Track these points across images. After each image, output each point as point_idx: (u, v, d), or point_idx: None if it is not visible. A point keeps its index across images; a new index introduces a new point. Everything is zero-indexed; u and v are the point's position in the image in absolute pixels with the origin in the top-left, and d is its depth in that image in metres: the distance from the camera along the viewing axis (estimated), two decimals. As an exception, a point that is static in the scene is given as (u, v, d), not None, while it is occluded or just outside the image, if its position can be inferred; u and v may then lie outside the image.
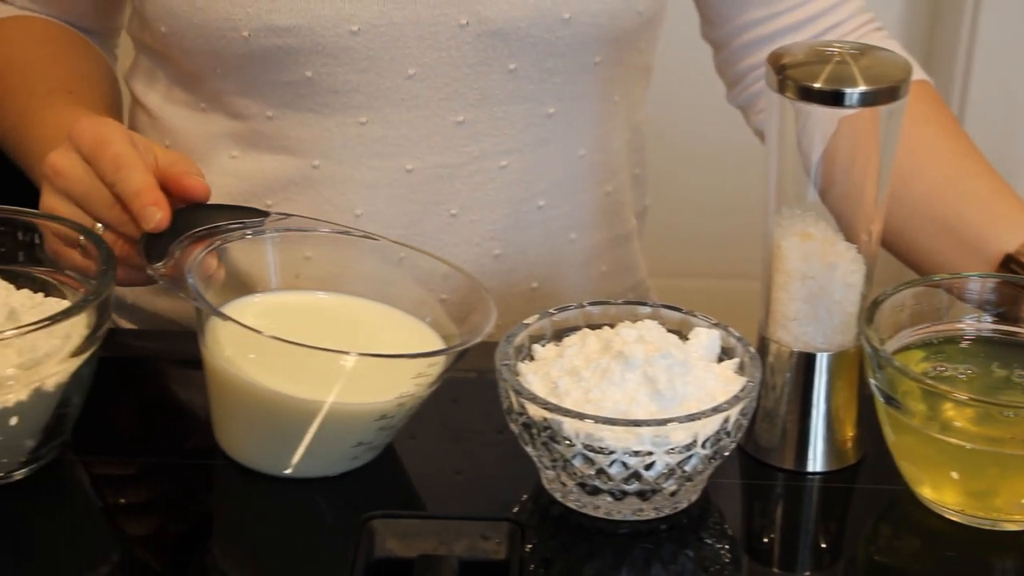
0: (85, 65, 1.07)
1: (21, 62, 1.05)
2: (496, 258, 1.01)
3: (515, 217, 1.01)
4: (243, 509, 0.82)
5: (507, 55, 0.96)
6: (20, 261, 0.85)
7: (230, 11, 0.94)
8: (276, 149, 0.99)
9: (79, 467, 0.83)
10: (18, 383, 0.76)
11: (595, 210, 1.05)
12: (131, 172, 0.84)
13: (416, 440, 0.85)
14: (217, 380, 0.81)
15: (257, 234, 0.87)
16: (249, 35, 0.94)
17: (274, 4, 0.93)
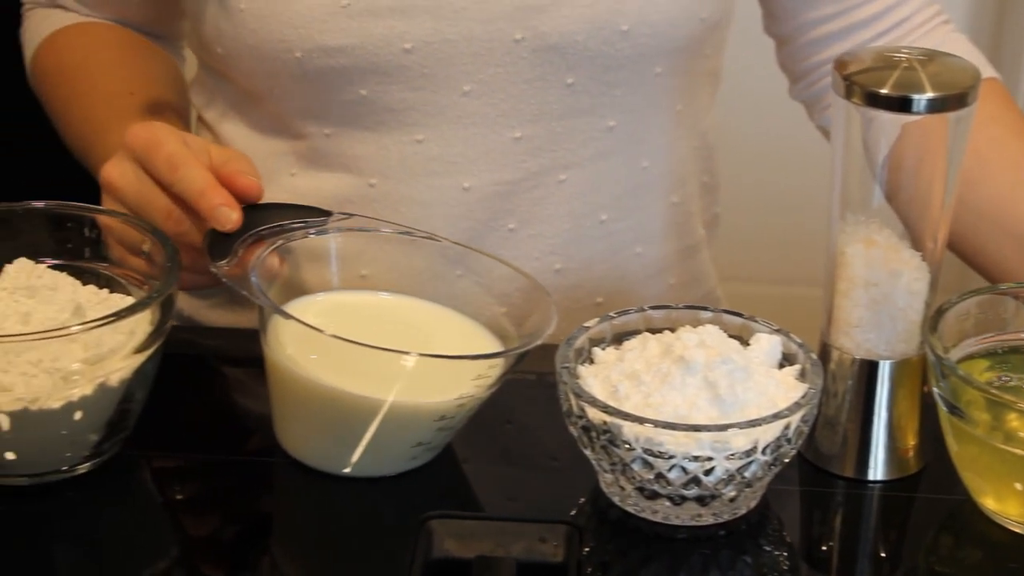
0: (149, 67, 1.07)
1: (86, 66, 1.06)
2: (557, 272, 1.00)
3: (576, 231, 1.00)
4: (302, 507, 0.82)
5: (564, 69, 0.95)
6: (86, 257, 0.86)
7: (283, 32, 0.94)
8: (334, 167, 0.99)
9: (141, 462, 0.83)
10: (83, 378, 0.77)
11: (661, 222, 1.04)
12: (188, 170, 0.84)
13: (475, 441, 0.85)
14: (278, 378, 0.81)
15: (320, 233, 0.87)
16: (302, 56, 0.94)
17: (326, 25, 0.93)
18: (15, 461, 0.78)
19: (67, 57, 1.07)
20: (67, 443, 0.79)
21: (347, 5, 0.93)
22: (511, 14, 0.93)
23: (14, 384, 0.75)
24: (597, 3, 0.93)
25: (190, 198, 0.84)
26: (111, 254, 0.86)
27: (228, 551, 0.79)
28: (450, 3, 0.93)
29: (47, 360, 0.76)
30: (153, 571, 0.76)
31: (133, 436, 0.83)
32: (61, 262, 0.85)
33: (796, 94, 1.10)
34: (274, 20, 0.94)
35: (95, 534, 0.78)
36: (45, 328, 0.77)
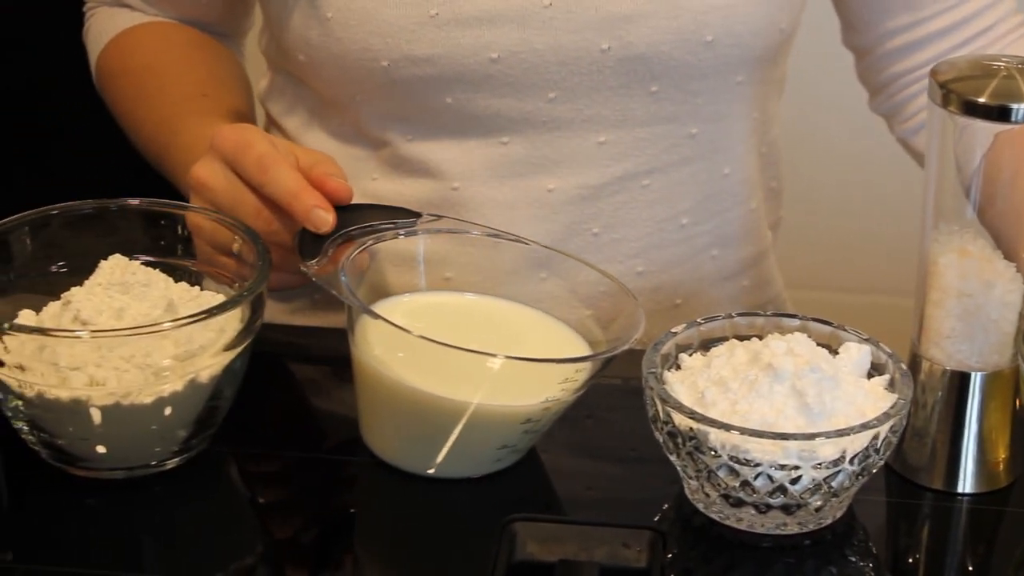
0: (218, 67, 1.08)
1: (155, 68, 1.06)
2: (639, 275, 1.01)
3: (658, 236, 1.01)
4: (386, 507, 0.82)
5: (649, 78, 0.95)
6: (178, 255, 0.87)
7: (369, 42, 0.95)
8: (416, 172, 0.99)
9: (228, 459, 0.84)
10: (173, 374, 0.78)
11: (737, 226, 1.04)
12: (279, 172, 0.85)
13: (559, 444, 0.85)
14: (365, 378, 0.82)
15: (409, 234, 0.88)
16: (389, 65, 0.95)
17: (413, 34, 0.94)
18: (106, 455, 0.79)
19: (134, 58, 1.08)
20: (157, 438, 0.80)
21: (435, 15, 0.93)
22: (598, 24, 0.93)
23: (107, 378, 0.76)
24: (682, 14, 0.93)
25: (282, 199, 0.84)
26: (199, 254, 0.87)
27: (312, 549, 0.79)
28: (537, 13, 0.93)
29: (139, 356, 0.77)
30: (238, 567, 0.77)
31: (220, 433, 0.84)
32: (154, 259, 0.86)
33: (876, 107, 1.10)
34: (361, 29, 0.94)
35: (182, 529, 0.79)
36: (138, 324, 0.78)
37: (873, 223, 1.90)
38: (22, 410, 0.78)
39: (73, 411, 0.77)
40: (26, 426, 0.79)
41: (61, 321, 0.79)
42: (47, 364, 0.76)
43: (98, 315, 0.79)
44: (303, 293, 1.07)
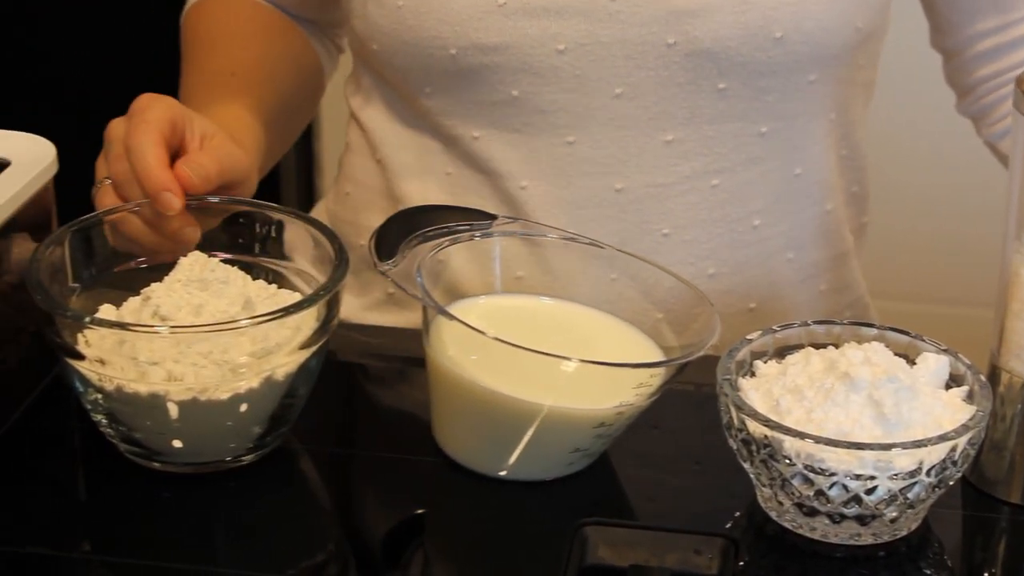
0: (271, 51, 1.08)
1: (211, 39, 1.07)
2: (711, 277, 1.00)
3: (729, 237, 1.00)
4: (457, 508, 0.83)
5: (716, 74, 0.95)
6: (256, 253, 0.88)
7: (438, 29, 0.95)
8: (485, 170, 1.00)
9: (302, 456, 0.85)
10: (250, 371, 0.78)
11: (813, 229, 1.03)
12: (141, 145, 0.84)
13: (631, 449, 0.85)
14: (439, 378, 0.82)
15: (485, 236, 0.88)
16: (456, 53, 0.95)
17: (481, 23, 0.94)
18: (182, 449, 0.80)
19: (203, 26, 1.09)
20: (232, 434, 0.80)
21: (503, 4, 0.93)
22: (664, 18, 0.93)
23: (184, 374, 0.77)
24: (751, 9, 0.93)
25: (137, 173, 0.84)
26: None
27: (382, 548, 0.80)
28: (604, 6, 0.93)
29: (216, 352, 0.77)
30: (310, 563, 0.77)
31: (295, 430, 0.84)
32: (231, 256, 0.86)
33: (963, 109, 1.08)
34: (431, 17, 0.95)
35: (255, 524, 0.80)
36: (216, 321, 0.79)
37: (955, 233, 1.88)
38: (101, 403, 0.79)
39: (151, 405, 0.78)
40: (105, 419, 0.80)
41: (141, 316, 0.80)
42: (126, 358, 0.77)
43: (177, 311, 0.80)
44: (377, 288, 1.07)
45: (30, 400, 0.85)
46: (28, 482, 0.82)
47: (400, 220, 0.85)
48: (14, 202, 0.81)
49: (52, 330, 0.78)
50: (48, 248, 0.81)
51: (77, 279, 0.84)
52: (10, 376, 0.82)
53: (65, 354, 0.78)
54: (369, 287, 1.06)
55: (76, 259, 0.84)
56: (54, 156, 0.85)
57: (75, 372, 0.79)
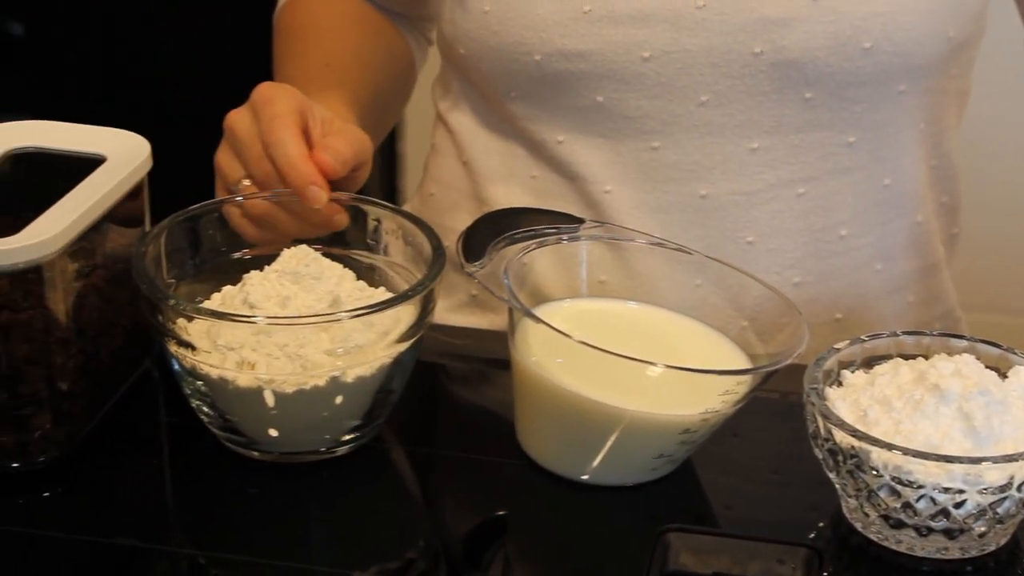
0: (363, 44, 1.09)
1: (306, 31, 1.08)
2: (796, 286, 0.99)
3: (815, 246, 0.99)
4: (539, 511, 0.83)
5: (803, 84, 0.94)
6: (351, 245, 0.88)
7: (523, 35, 0.95)
8: (568, 174, 1.00)
9: (392, 451, 0.85)
10: (346, 364, 0.79)
11: (902, 240, 1.02)
12: (284, 137, 0.84)
13: (713, 456, 0.85)
14: (524, 381, 0.82)
15: (572, 240, 0.88)
16: (541, 59, 0.95)
17: (566, 29, 0.94)
18: (278, 439, 0.81)
19: (297, 18, 1.10)
20: (327, 425, 0.81)
21: (588, 11, 0.93)
22: (751, 27, 0.92)
23: (257, 362, 0.78)
24: (840, 19, 0.92)
25: (280, 167, 0.85)
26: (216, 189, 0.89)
27: (465, 547, 0.80)
28: (690, 14, 0.93)
29: (292, 345, 0.78)
30: (395, 559, 0.78)
31: (387, 424, 0.85)
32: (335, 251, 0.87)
33: None
34: (516, 23, 0.95)
35: (344, 517, 0.80)
36: (299, 315, 0.80)
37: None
38: (200, 390, 0.80)
39: (249, 394, 0.79)
40: (204, 406, 0.81)
41: (233, 303, 0.81)
42: (217, 345, 0.78)
43: (265, 301, 0.81)
44: (460, 290, 1.08)
45: (121, 393, 0.86)
46: (118, 473, 0.83)
47: (488, 222, 0.86)
48: (109, 197, 0.82)
49: (156, 317, 0.79)
50: (154, 237, 0.83)
51: (181, 268, 0.85)
52: (103, 369, 0.84)
53: (167, 341, 0.79)
54: (453, 288, 1.07)
55: (181, 249, 0.85)
56: (148, 152, 0.86)
57: (175, 359, 0.80)
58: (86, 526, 0.79)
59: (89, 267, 0.82)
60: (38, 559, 0.76)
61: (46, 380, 0.79)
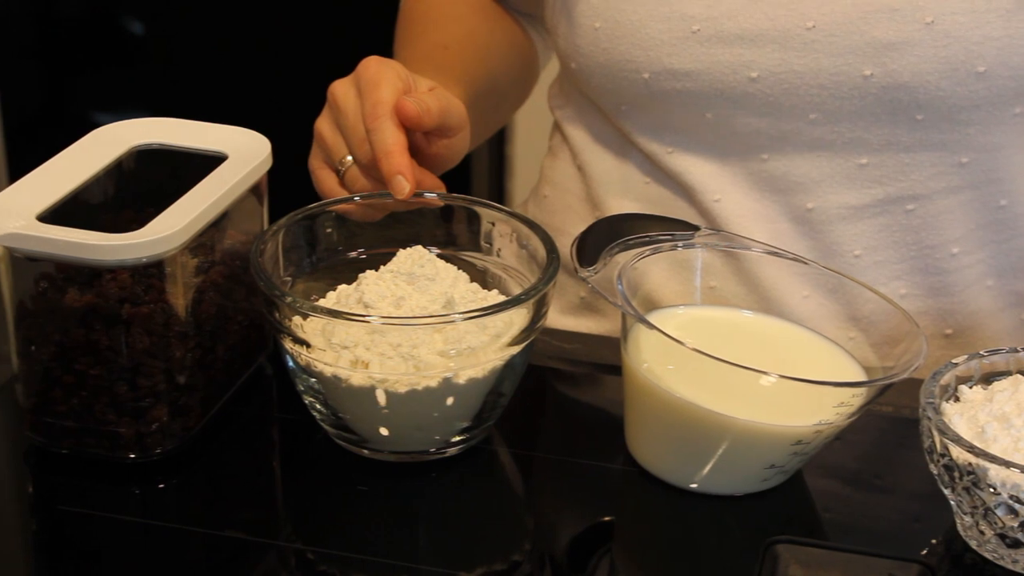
0: (481, 31, 1.09)
1: (426, 15, 1.09)
2: (901, 299, 0.98)
3: (923, 262, 0.97)
4: (646, 517, 0.83)
5: (914, 107, 0.92)
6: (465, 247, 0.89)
7: (632, 53, 0.95)
8: (678, 183, 0.99)
9: (500, 453, 0.86)
10: (458, 365, 0.79)
11: (1017, 259, 0.99)
12: (383, 125, 0.86)
13: (822, 467, 0.84)
14: (634, 386, 0.82)
15: (687, 247, 0.87)
16: (649, 77, 0.95)
17: (674, 48, 0.94)
18: (388, 438, 0.82)
19: (420, 6, 1.11)
20: (438, 426, 0.82)
21: (697, 31, 0.93)
22: (861, 49, 0.91)
23: (370, 361, 0.79)
24: (953, 44, 0.90)
25: (377, 153, 0.86)
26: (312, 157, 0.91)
27: (571, 549, 0.80)
28: (799, 35, 0.92)
29: (406, 345, 0.78)
30: (501, 559, 0.78)
31: (496, 426, 0.85)
32: (448, 252, 0.88)
33: None
34: (624, 41, 0.95)
35: (453, 517, 0.81)
36: (413, 315, 0.80)
37: None
38: (314, 387, 0.81)
39: (361, 393, 0.79)
40: (317, 403, 0.82)
41: (348, 302, 0.82)
42: (332, 343, 0.79)
43: (380, 300, 0.81)
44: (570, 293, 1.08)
45: (236, 388, 0.88)
46: (231, 467, 0.84)
47: (602, 227, 0.86)
48: (230, 195, 0.83)
49: (272, 314, 0.80)
50: (272, 234, 0.84)
51: (298, 266, 0.87)
52: (219, 364, 0.85)
53: (282, 337, 0.80)
54: (563, 291, 1.07)
55: (299, 246, 0.86)
56: (269, 151, 0.87)
57: (290, 356, 0.81)
58: (198, 518, 0.80)
59: (208, 263, 0.83)
60: (151, 548, 0.78)
61: (164, 373, 0.80)
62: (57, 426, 0.81)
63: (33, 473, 0.83)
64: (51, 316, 0.79)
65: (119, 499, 0.81)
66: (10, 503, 0.83)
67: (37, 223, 0.78)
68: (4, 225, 0.77)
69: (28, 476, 0.83)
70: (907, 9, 0.90)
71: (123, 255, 0.77)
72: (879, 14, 0.90)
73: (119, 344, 0.79)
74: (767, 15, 0.92)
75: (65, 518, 0.79)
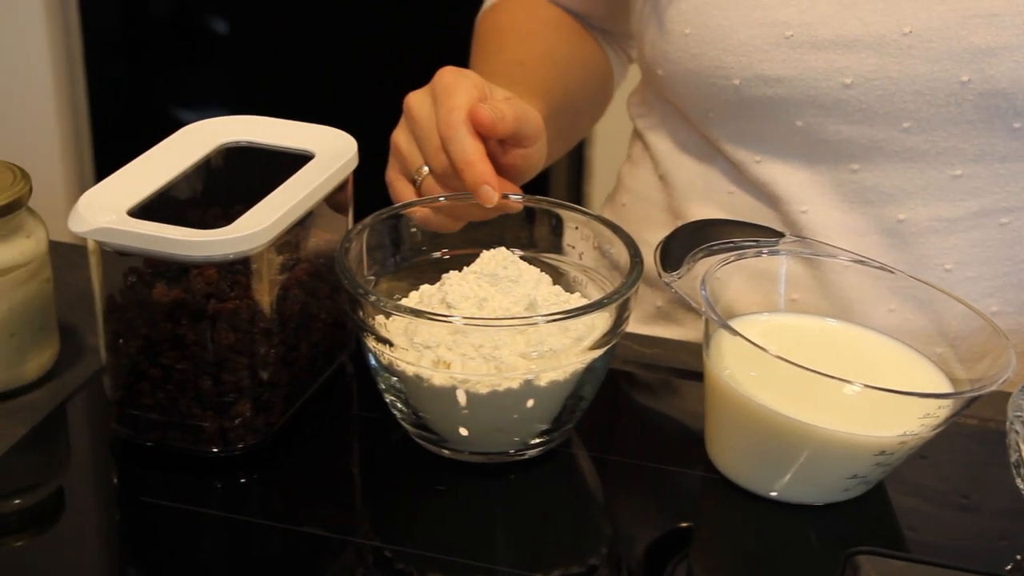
0: (559, 49, 1.09)
1: (504, 31, 1.09)
2: (993, 315, 0.96)
3: (1016, 276, 0.96)
4: (725, 524, 0.82)
5: (1011, 114, 0.91)
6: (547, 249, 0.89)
7: (723, 59, 0.94)
8: (765, 193, 0.99)
9: (578, 456, 0.86)
10: (539, 368, 0.79)
11: None
12: (460, 135, 0.85)
13: (903, 479, 0.83)
14: (716, 393, 0.81)
15: (772, 253, 0.87)
16: (740, 84, 0.94)
17: (767, 54, 0.93)
18: (468, 438, 0.82)
19: (498, 20, 1.11)
20: (517, 428, 0.82)
21: (790, 36, 0.92)
22: (959, 55, 0.90)
23: (452, 361, 0.79)
24: None
25: (457, 164, 0.85)
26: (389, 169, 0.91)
27: (649, 555, 0.80)
28: (895, 40, 0.91)
29: (488, 346, 0.79)
30: (578, 563, 0.78)
31: (575, 429, 0.85)
32: (529, 254, 0.88)
33: None
34: (715, 47, 0.94)
35: (530, 519, 0.81)
36: (495, 316, 0.81)
37: None
38: (395, 386, 0.82)
39: (442, 393, 0.80)
40: (398, 402, 0.83)
41: (431, 302, 0.83)
42: (414, 342, 0.79)
43: (463, 301, 0.82)
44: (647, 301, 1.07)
45: (318, 385, 0.88)
46: (311, 463, 0.85)
47: (686, 232, 0.85)
48: (316, 194, 0.83)
49: (356, 313, 0.80)
50: (358, 233, 0.84)
51: (382, 265, 0.87)
52: (302, 361, 0.86)
53: (365, 336, 0.81)
54: (640, 300, 1.07)
55: (383, 246, 0.87)
56: (355, 151, 0.88)
57: (373, 354, 0.81)
58: (278, 513, 0.81)
59: (293, 261, 0.84)
60: (232, 541, 0.79)
61: (248, 369, 0.81)
62: (143, 419, 0.82)
63: (118, 464, 0.84)
64: (139, 310, 0.80)
65: (201, 492, 0.81)
66: (95, 493, 0.84)
67: (127, 218, 0.79)
68: (95, 219, 0.78)
69: (113, 467, 0.85)
70: (1007, 14, 0.89)
71: (210, 251, 0.78)
72: (977, 19, 0.89)
73: (204, 339, 0.80)
74: (862, 20, 0.91)
75: (148, 509, 0.80)
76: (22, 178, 0.87)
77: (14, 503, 0.82)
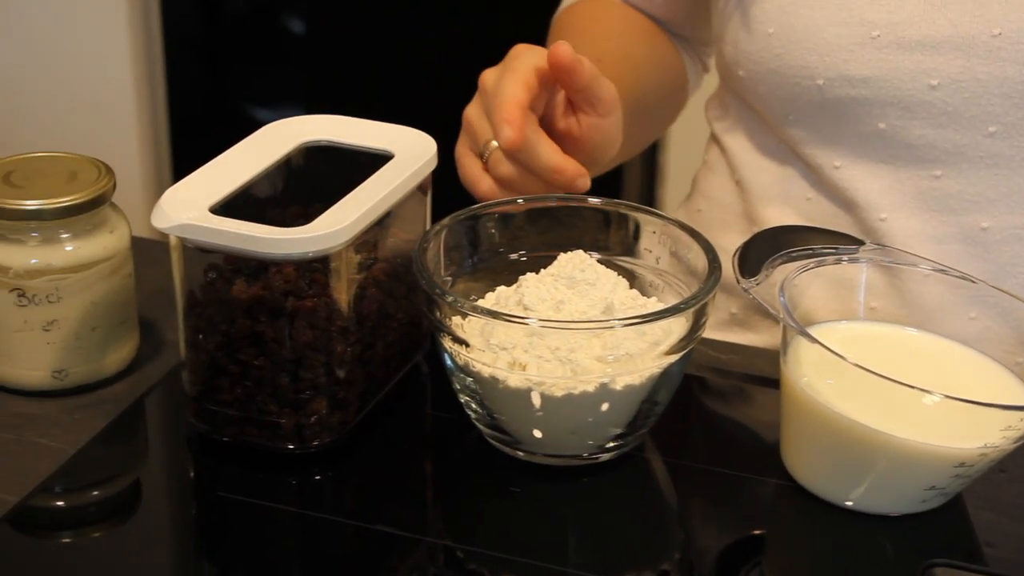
0: (637, 48, 1.09)
1: (575, 30, 1.10)
2: None
3: None
4: (799, 533, 0.82)
5: None
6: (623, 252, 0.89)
7: (807, 59, 0.94)
8: (843, 200, 0.98)
9: (652, 461, 0.85)
10: (615, 371, 0.79)
11: None
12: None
13: (980, 491, 0.82)
14: (792, 400, 0.81)
15: (852, 261, 0.86)
16: (824, 84, 0.93)
17: (851, 54, 0.92)
18: (541, 440, 0.82)
19: (575, 19, 1.12)
20: (592, 431, 0.82)
21: (876, 36, 0.91)
22: None
23: (528, 363, 0.79)
24: None
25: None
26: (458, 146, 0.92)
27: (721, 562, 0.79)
28: (985, 42, 0.90)
29: (564, 349, 0.78)
30: (649, 568, 0.78)
31: (650, 434, 0.85)
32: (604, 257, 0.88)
33: None
34: (800, 46, 0.94)
35: (603, 523, 0.80)
36: (572, 319, 0.80)
37: None
38: (470, 387, 0.82)
39: (517, 394, 0.80)
40: (472, 402, 0.83)
41: (508, 304, 0.83)
42: (490, 344, 0.79)
43: (539, 303, 0.82)
44: (721, 308, 1.07)
45: (393, 384, 0.89)
46: (385, 462, 0.85)
47: (764, 238, 0.85)
48: (395, 194, 0.84)
49: (433, 313, 0.81)
50: (435, 234, 0.85)
51: (459, 266, 0.87)
52: (377, 360, 0.86)
53: (442, 336, 0.81)
54: (715, 305, 1.06)
55: (461, 246, 0.87)
56: (434, 151, 0.88)
57: (448, 354, 0.82)
58: (351, 510, 0.81)
59: (371, 260, 0.84)
60: (305, 537, 0.79)
61: (325, 367, 0.81)
62: (220, 414, 0.83)
63: (195, 459, 0.85)
64: (218, 306, 0.81)
65: (277, 488, 0.82)
66: (172, 487, 0.85)
67: (209, 215, 0.80)
68: (178, 216, 0.79)
69: (190, 461, 0.86)
70: None
71: (290, 249, 0.78)
72: None
73: (283, 336, 0.80)
74: (951, 21, 0.90)
75: (224, 504, 0.81)
76: (106, 174, 0.88)
77: (93, 494, 0.83)
